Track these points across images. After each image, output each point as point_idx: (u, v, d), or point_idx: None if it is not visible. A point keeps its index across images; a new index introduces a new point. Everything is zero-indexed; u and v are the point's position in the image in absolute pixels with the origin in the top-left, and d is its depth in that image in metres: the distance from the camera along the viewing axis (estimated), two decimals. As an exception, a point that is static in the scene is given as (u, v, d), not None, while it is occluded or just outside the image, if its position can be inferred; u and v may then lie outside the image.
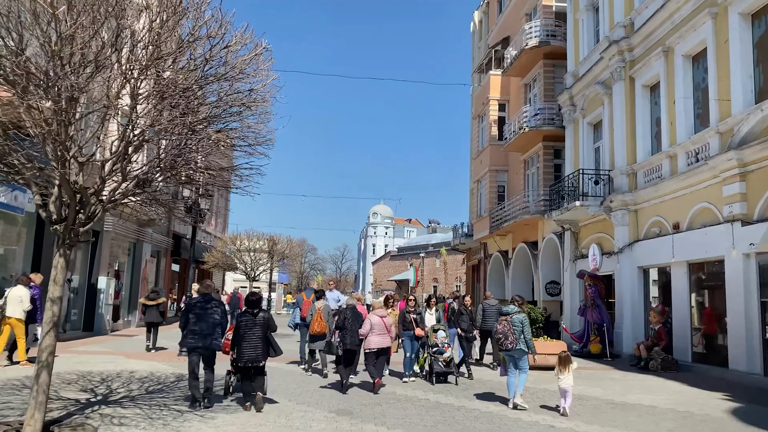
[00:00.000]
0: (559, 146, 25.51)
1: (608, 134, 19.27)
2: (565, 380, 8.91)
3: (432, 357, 11.48)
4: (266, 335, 8.53)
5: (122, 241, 22.04)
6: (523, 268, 28.42)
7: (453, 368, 11.49)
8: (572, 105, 22.10)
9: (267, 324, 8.58)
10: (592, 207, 18.72)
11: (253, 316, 8.53)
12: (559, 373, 9.00)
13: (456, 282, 69.49)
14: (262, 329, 8.48)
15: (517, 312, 9.52)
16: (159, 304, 16.08)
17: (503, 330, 9.32)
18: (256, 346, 8.39)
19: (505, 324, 9.38)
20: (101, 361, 12.72)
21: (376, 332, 10.31)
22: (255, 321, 8.49)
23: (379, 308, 11.04)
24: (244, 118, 6.59)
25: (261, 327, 8.48)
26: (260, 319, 8.54)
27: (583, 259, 20.73)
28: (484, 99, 31.52)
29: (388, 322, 10.63)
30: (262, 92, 6.30)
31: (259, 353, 8.41)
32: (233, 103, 6.31)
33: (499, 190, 30.50)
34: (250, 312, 8.60)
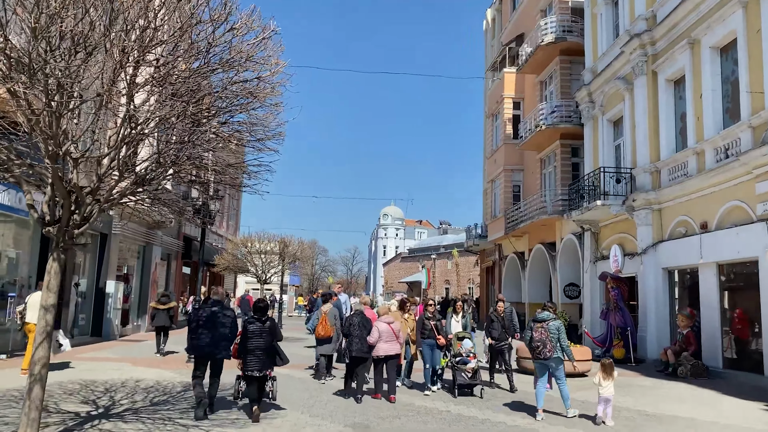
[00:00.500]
0: (577, 144, 24.85)
1: (629, 131, 18.60)
2: (606, 389, 8.45)
3: (455, 368, 10.61)
4: (272, 343, 8.34)
5: (131, 244, 21.64)
6: (540, 269, 27.76)
7: (478, 380, 10.62)
8: (591, 102, 21.45)
9: (273, 332, 8.36)
10: (614, 206, 18.06)
11: (261, 323, 8.28)
12: (601, 380, 8.51)
13: (468, 284, 68.85)
14: (268, 337, 8.28)
15: (553, 319, 9.14)
16: (170, 308, 15.94)
17: (541, 338, 8.85)
18: (262, 354, 8.19)
19: (542, 331, 8.91)
20: (107, 369, 12.26)
21: (384, 339, 9.98)
22: (262, 328, 8.26)
23: (385, 314, 10.64)
24: (252, 109, 6.02)
25: (267, 335, 8.27)
26: (267, 326, 8.32)
27: (604, 260, 20.06)
28: (498, 97, 30.90)
29: (396, 327, 10.20)
30: (271, 81, 5.74)
31: (265, 361, 8.21)
32: (240, 92, 5.77)
33: (515, 190, 29.85)
34: (258, 319, 8.32)
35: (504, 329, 11.65)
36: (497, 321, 11.72)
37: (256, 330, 8.20)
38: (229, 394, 9.03)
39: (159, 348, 15.45)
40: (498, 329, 11.63)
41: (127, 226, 20.28)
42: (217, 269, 21.05)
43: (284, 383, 10.68)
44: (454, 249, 71.94)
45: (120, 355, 15.11)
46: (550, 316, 9.13)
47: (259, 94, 5.73)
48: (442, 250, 77.06)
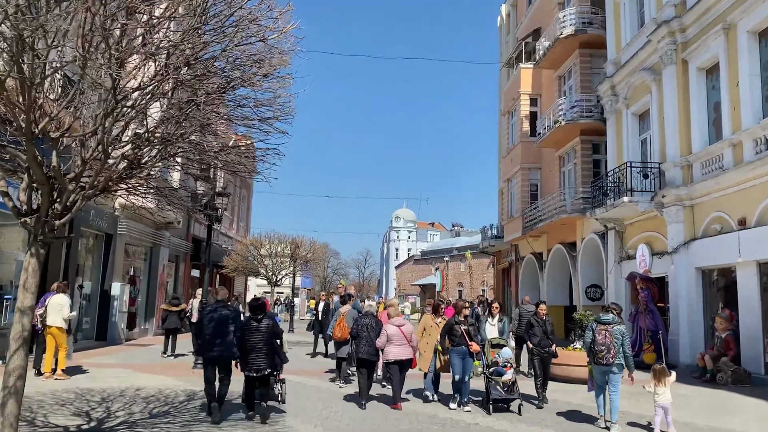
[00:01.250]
0: (598, 141, 23.93)
1: (657, 124, 17.67)
2: (663, 396, 7.77)
3: (489, 380, 9.39)
4: (272, 343, 8.10)
5: (138, 245, 20.97)
6: (560, 270, 26.81)
7: (516, 393, 9.36)
8: (614, 95, 20.53)
9: (272, 331, 8.12)
10: (642, 203, 17.13)
11: (257, 323, 8.06)
12: (655, 387, 7.82)
13: (482, 286, 67.84)
14: (267, 337, 8.03)
15: (618, 323, 8.49)
16: (181, 310, 15.98)
17: (605, 342, 8.19)
18: (260, 355, 7.96)
19: (606, 335, 8.25)
20: (107, 376, 11.52)
21: (395, 343, 9.44)
22: (259, 328, 8.03)
23: (396, 316, 10.07)
24: (257, 80, 5.21)
25: (265, 334, 8.03)
26: (264, 326, 8.06)
27: (630, 260, 19.12)
28: (514, 93, 30.01)
29: (407, 330, 9.60)
30: (279, 46, 4.94)
31: (263, 362, 7.95)
32: (242, 59, 4.98)
33: (532, 189, 28.93)
34: (254, 318, 8.10)
35: (546, 335, 10.38)
36: (538, 325, 10.45)
37: (253, 329, 8.00)
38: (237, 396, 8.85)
39: (166, 350, 15.48)
40: (539, 334, 10.36)
41: (134, 227, 19.63)
42: (225, 271, 20.31)
43: (297, 392, 9.92)
44: (468, 251, 70.99)
45: (124, 360, 14.39)
46: (615, 319, 8.53)
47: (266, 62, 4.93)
48: (455, 252, 76.03)
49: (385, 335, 9.42)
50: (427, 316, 10.34)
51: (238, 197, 34.97)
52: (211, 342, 7.99)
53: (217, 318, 8.08)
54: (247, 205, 37.22)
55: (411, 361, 9.70)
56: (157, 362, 14.15)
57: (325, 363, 14.72)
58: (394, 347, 9.38)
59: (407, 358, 9.50)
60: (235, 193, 33.97)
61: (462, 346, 9.22)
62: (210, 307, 8.49)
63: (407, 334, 9.54)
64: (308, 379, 11.85)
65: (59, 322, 11.28)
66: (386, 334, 9.42)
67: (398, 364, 9.39)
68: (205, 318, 8.18)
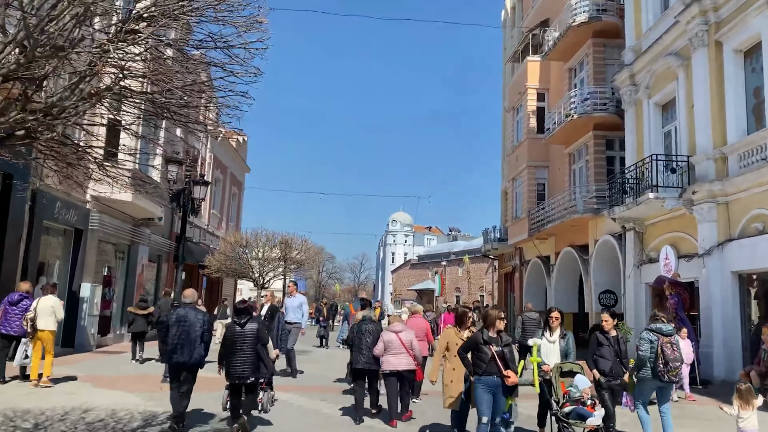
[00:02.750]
0: (612, 136, 22.34)
1: (684, 113, 16.06)
2: (748, 421, 6.33)
3: (564, 425, 6.93)
4: (257, 349, 7.59)
5: (113, 242, 19.22)
6: (569, 275, 25.17)
7: None
8: (633, 85, 18.92)
9: (257, 336, 7.60)
10: (669, 200, 15.49)
11: (240, 327, 7.56)
12: (740, 410, 6.38)
13: (480, 291, 66.35)
14: (252, 342, 7.53)
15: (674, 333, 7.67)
16: (149, 313, 15.07)
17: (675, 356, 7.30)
18: (244, 361, 7.45)
19: (674, 348, 7.32)
20: (56, 392, 9.78)
21: (392, 351, 8.49)
22: (243, 332, 7.55)
23: (396, 322, 9.15)
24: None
25: (250, 339, 7.53)
26: (249, 330, 7.57)
27: (652, 264, 17.49)
28: (520, 88, 28.41)
29: (406, 338, 8.62)
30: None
31: (247, 369, 7.44)
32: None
33: (539, 189, 27.32)
34: (238, 322, 7.60)
35: (619, 358, 7.64)
36: (608, 345, 7.62)
37: (237, 334, 7.52)
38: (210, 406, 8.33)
39: (135, 356, 14.74)
40: (610, 357, 7.56)
41: (108, 222, 17.87)
42: (207, 272, 18.53)
43: (292, 412, 8.23)
44: (466, 255, 69.58)
45: (86, 371, 12.62)
46: (673, 330, 7.58)
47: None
48: (452, 257, 74.67)
49: (382, 342, 8.52)
50: (450, 330, 8.05)
51: (228, 194, 33.23)
52: (175, 348, 7.47)
53: (185, 322, 7.52)
54: (237, 203, 35.48)
55: (413, 372, 8.72)
56: (122, 374, 12.40)
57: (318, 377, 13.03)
58: (390, 356, 8.42)
59: (406, 368, 8.48)
60: (224, 190, 32.24)
61: (492, 375, 6.47)
62: (178, 310, 7.90)
63: (406, 341, 8.54)
64: (302, 399, 10.15)
65: (52, 326, 10.82)
66: (383, 342, 8.51)
67: (395, 375, 8.42)
68: (171, 321, 7.61)
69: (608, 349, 7.58)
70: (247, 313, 7.71)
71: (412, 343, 8.62)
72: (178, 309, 7.92)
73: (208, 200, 28.85)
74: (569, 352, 7.82)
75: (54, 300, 11.07)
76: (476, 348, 6.62)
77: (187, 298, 8.07)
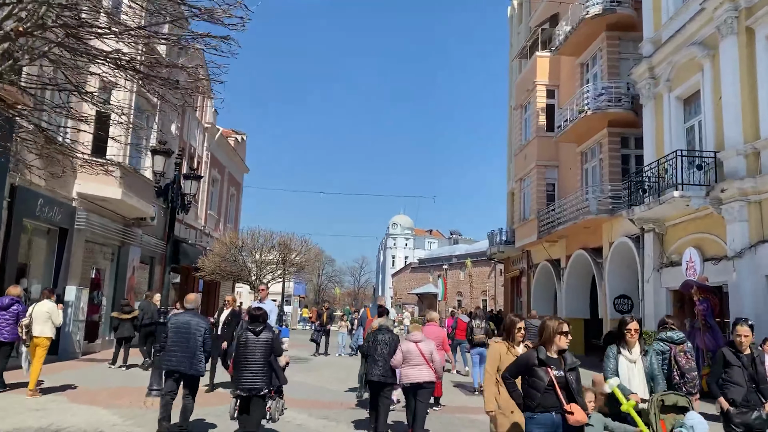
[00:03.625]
0: (628, 133, 21.36)
1: (711, 107, 15.04)
2: None
3: None
4: (270, 360, 7.14)
5: (102, 242, 18.19)
6: (581, 279, 24.14)
7: None
8: (652, 78, 17.91)
9: (271, 346, 7.12)
10: (695, 199, 14.45)
11: (254, 335, 7.07)
12: None
13: (482, 296, 65.33)
14: (266, 351, 7.07)
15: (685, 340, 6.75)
16: (134, 317, 14.46)
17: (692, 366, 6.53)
18: (256, 372, 6.99)
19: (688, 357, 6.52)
20: (27, 408, 8.74)
21: (410, 362, 7.83)
22: (257, 341, 7.04)
23: (415, 331, 8.42)
24: None
25: (264, 348, 7.06)
26: (263, 339, 7.07)
27: (673, 267, 16.46)
28: (529, 85, 27.41)
29: (426, 349, 7.93)
30: None
31: (259, 380, 6.98)
32: None
33: (548, 189, 26.30)
34: (252, 330, 7.08)
35: (755, 384, 6.02)
36: (741, 367, 6.04)
37: (250, 342, 7.03)
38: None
39: (115, 361, 14.21)
40: (743, 383, 6.00)
41: (96, 221, 16.85)
42: (201, 274, 17.41)
43: None
44: (468, 259, 68.53)
45: (68, 380, 11.57)
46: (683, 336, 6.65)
47: None
48: (454, 260, 73.61)
49: (400, 352, 7.89)
50: (500, 344, 6.24)
51: (227, 195, 32.23)
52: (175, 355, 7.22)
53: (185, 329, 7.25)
54: (236, 204, 34.45)
55: (433, 385, 8.01)
56: (104, 386, 11.33)
57: (319, 390, 11.95)
58: (408, 368, 7.78)
59: (426, 380, 7.76)
60: (222, 191, 31.22)
61: (550, 411, 4.86)
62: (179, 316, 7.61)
63: (426, 352, 7.86)
64: (296, 414, 9.10)
65: (48, 332, 10.49)
66: (401, 352, 7.88)
67: (414, 389, 7.73)
68: (170, 328, 7.36)
69: (740, 372, 5.97)
70: (263, 320, 7.23)
71: (432, 354, 7.94)
72: (179, 315, 7.49)
73: (205, 201, 27.85)
74: (655, 374, 5.94)
75: (50, 305, 10.73)
76: (528, 372, 4.99)
77: (190, 303, 7.61)
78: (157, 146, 9.58)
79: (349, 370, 15.53)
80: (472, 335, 13.81)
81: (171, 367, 7.29)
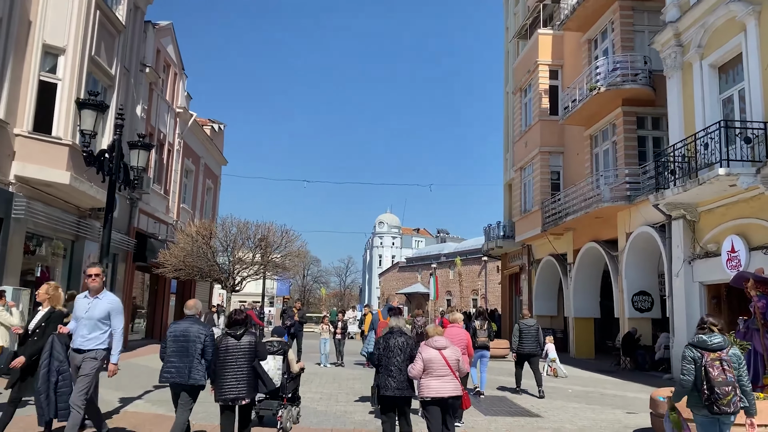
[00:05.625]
0: (644, 113, 19.38)
1: (758, 72, 12.97)
2: None
3: None
4: (253, 365, 6.68)
5: (50, 236, 15.74)
6: (591, 275, 22.08)
7: None
8: (679, 45, 15.84)
9: (254, 350, 6.69)
10: (744, 177, 12.35)
11: (236, 340, 6.66)
12: None
13: (472, 295, 63.50)
14: (248, 356, 6.63)
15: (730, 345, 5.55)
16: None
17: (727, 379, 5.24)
18: (240, 379, 6.51)
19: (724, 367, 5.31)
20: None
21: (434, 372, 6.57)
22: (238, 346, 6.62)
23: (435, 334, 6.88)
24: None
25: (246, 353, 6.62)
26: (245, 343, 6.66)
27: (708, 258, 14.41)
28: (529, 65, 25.28)
29: (452, 357, 6.63)
30: None
31: (243, 388, 6.50)
32: None
33: (552, 178, 24.19)
34: (232, 334, 6.69)
35: None
36: None
37: (231, 348, 6.62)
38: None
39: None
40: None
41: (41, 210, 14.40)
42: (162, 272, 14.89)
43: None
44: (457, 257, 66.66)
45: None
46: (726, 342, 5.52)
47: None
48: (443, 259, 71.77)
49: (420, 361, 6.61)
50: None
51: (203, 188, 29.74)
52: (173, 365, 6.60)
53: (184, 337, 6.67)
54: (213, 199, 31.97)
55: (459, 399, 6.74)
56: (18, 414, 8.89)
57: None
58: (432, 379, 6.56)
59: (452, 395, 6.57)
60: (197, 182, 28.74)
61: None
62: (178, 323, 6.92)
63: (452, 361, 6.60)
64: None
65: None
66: (421, 360, 6.60)
67: (439, 404, 6.54)
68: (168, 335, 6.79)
69: None
70: (243, 324, 6.86)
71: (459, 363, 6.70)
72: (178, 323, 6.88)
73: (178, 193, 25.39)
74: None
75: None
76: None
77: (189, 309, 6.90)
78: (86, 97, 7.22)
79: (340, 384, 13.28)
80: (475, 337, 11.83)
81: (171, 380, 6.59)
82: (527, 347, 12.25)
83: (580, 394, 12.48)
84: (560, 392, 12.73)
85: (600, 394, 12.60)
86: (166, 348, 6.73)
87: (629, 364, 18.04)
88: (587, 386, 13.80)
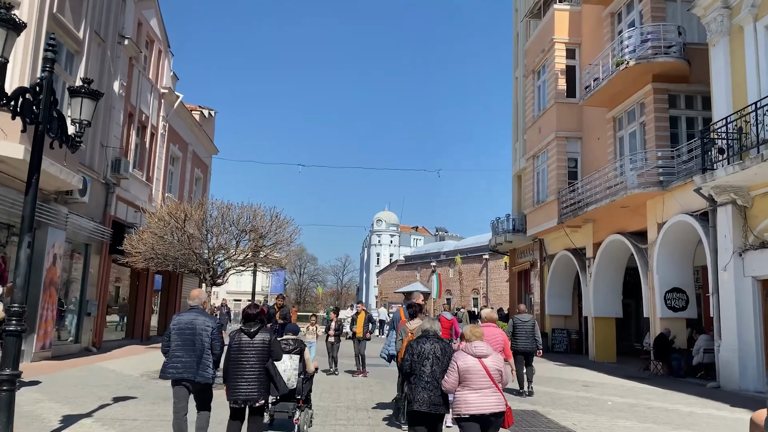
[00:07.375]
0: (677, 90, 17.44)
1: (830, 29, 11.06)
2: None
3: None
4: (266, 365, 6.24)
5: (5, 221, 13.74)
6: (615, 271, 20.15)
7: None
8: (726, 8, 13.92)
9: (268, 349, 6.24)
10: (821, 151, 10.43)
11: (249, 337, 6.21)
12: None
13: (473, 294, 61.68)
14: (262, 356, 6.19)
15: None
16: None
17: None
18: (251, 380, 6.12)
19: None
20: None
21: (473, 384, 5.28)
22: (252, 344, 6.20)
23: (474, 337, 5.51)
24: None
25: (260, 353, 6.19)
26: (259, 341, 6.21)
27: (763, 249, 12.49)
28: (544, 44, 23.32)
29: (494, 366, 5.38)
30: None
31: (254, 389, 6.10)
32: None
33: (570, 165, 22.23)
34: (246, 331, 6.22)
35: None
36: None
37: (243, 345, 6.21)
38: None
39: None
40: None
41: (-8, 190, 12.39)
42: (131, 260, 12.87)
43: None
44: (457, 255, 64.90)
45: None
46: None
47: None
48: (442, 257, 69.98)
49: (455, 370, 5.38)
50: None
51: (190, 177, 27.71)
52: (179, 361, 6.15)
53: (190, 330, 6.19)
54: (202, 189, 29.90)
55: (502, 416, 5.41)
56: None
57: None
58: (471, 392, 5.31)
59: (495, 411, 5.31)
60: (184, 170, 26.71)
61: None
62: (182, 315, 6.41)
63: (494, 371, 5.38)
64: None
65: None
66: (457, 369, 5.38)
67: (479, 421, 5.29)
68: (172, 328, 6.29)
69: None
70: (259, 320, 6.39)
71: (502, 372, 5.50)
72: (182, 314, 6.44)
73: (162, 180, 23.37)
74: None
75: None
76: None
77: (193, 300, 6.58)
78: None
79: (339, 395, 11.33)
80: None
81: (177, 375, 6.22)
82: (521, 344, 11.68)
83: (624, 408, 10.51)
84: (598, 405, 10.77)
85: (646, 407, 10.64)
86: (170, 342, 6.32)
87: (662, 369, 16.12)
88: (626, 397, 11.84)
